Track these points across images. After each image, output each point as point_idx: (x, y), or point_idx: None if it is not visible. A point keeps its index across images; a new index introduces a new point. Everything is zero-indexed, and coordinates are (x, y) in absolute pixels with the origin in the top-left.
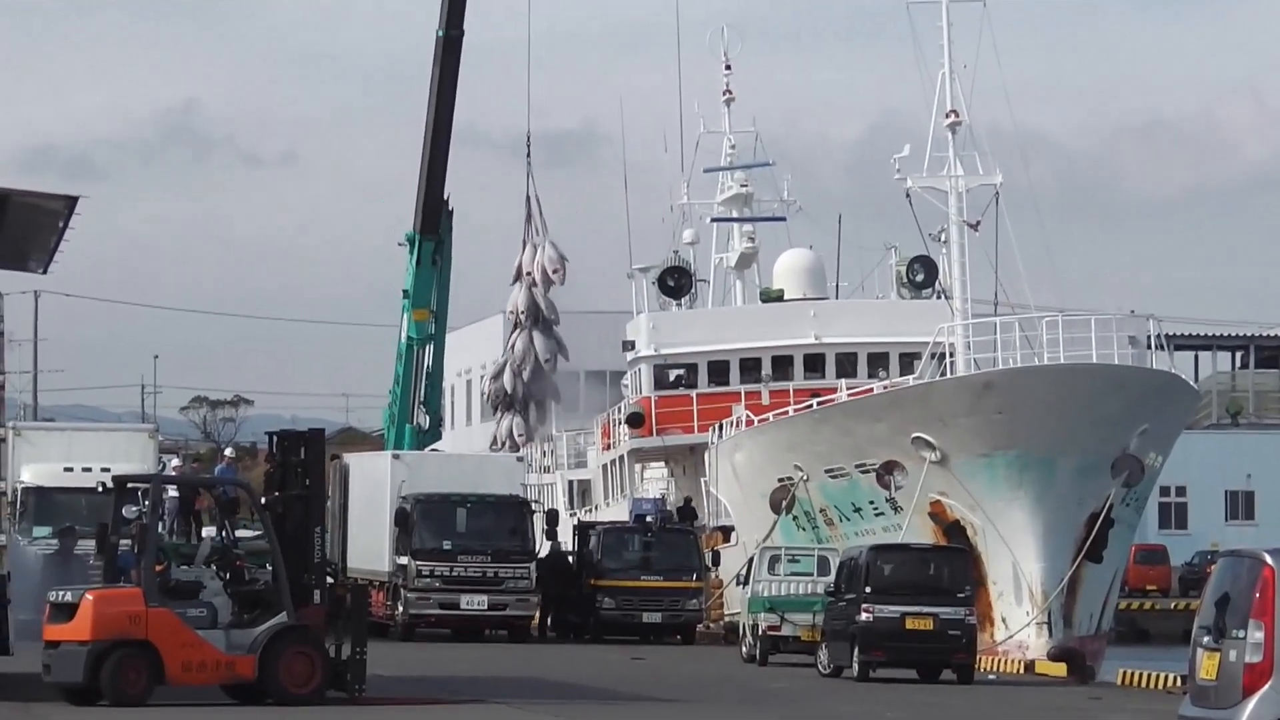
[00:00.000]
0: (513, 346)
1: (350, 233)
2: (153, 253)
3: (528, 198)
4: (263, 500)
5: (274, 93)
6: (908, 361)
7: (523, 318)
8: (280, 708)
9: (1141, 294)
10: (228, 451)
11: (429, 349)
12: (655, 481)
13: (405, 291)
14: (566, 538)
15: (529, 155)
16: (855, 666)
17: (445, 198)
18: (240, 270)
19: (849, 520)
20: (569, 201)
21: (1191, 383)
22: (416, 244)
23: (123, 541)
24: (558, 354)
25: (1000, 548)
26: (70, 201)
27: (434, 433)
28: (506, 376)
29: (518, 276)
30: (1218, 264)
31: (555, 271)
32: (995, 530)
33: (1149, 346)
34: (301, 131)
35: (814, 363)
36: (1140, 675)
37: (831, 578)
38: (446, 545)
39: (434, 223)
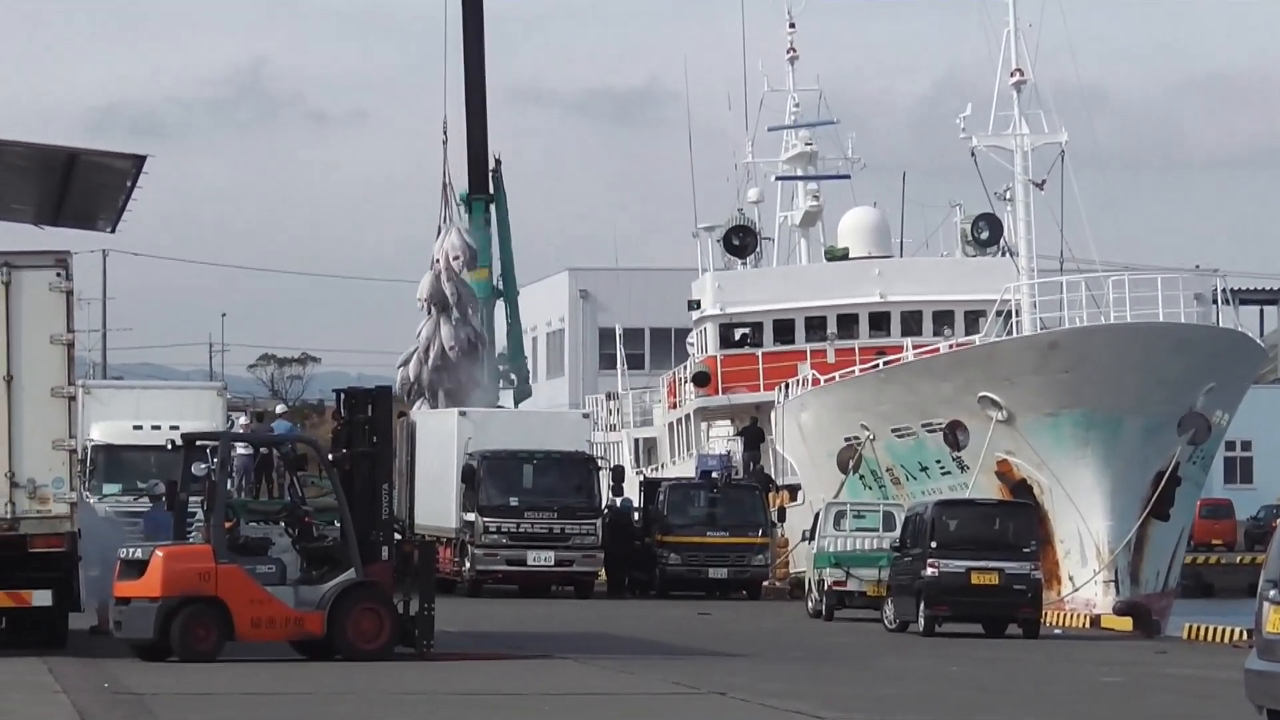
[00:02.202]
0: (419, 334)
1: (419, 189)
2: (220, 211)
3: (444, 185)
4: (330, 457)
5: (342, 50)
6: (973, 319)
7: (426, 305)
8: (349, 664)
9: (1206, 248)
10: (279, 408)
11: (502, 306)
12: (721, 440)
13: None
14: (633, 494)
15: (445, 139)
16: (921, 621)
17: (498, 157)
18: (307, 227)
19: (915, 479)
20: (635, 160)
21: (1257, 338)
22: (469, 203)
23: (192, 498)
24: (475, 341)
25: (1067, 506)
26: (138, 161)
27: (523, 389)
28: (412, 365)
29: (434, 263)
30: None
31: (456, 259)
32: (1062, 489)
33: (1214, 302)
34: (369, 89)
35: (879, 321)
36: (1206, 629)
37: (897, 533)
38: (513, 502)
39: (482, 181)
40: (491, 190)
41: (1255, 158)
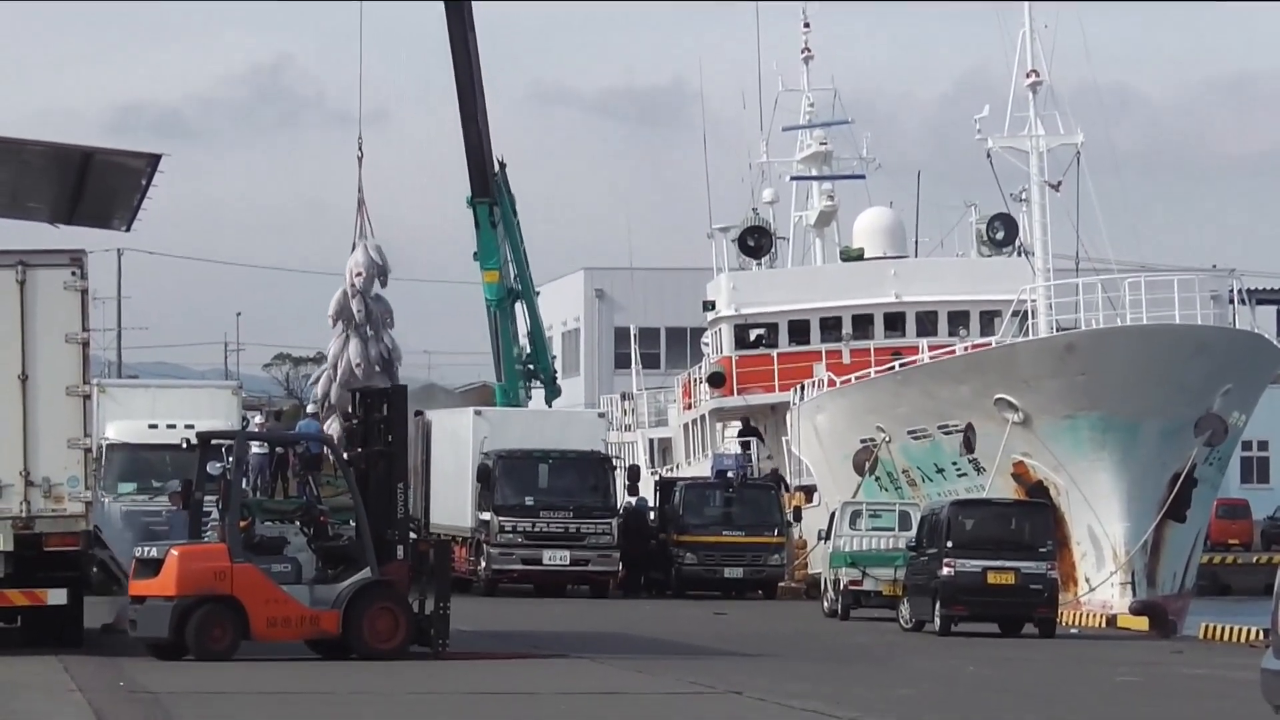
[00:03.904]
0: (329, 351)
1: (437, 191)
2: (239, 210)
3: (359, 200)
4: (345, 456)
5: (365, 50)
6: (988, 320)
7: (333, 321)
8: (364, 663)
9: (1227, 249)
10: (309, 407)
11: (522, 308)
12: (735, 440)
13: (475, 254)
14: (648, 494)
15: (360, 152)
16: (937, 621)
17: (500, 158)
18: (324, 228)
19: (931, 481)
20: (652, 160)
21: (1275, 340)
22: (473, 207)
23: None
24: (390, 358)
25: (1084, 509)
26: (153, 160)
27: (552, 388)
28: (322, 382)
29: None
30: None
31: (359, 275)
32: (1079, 491)
33: (1231, 303)
34: (390, 91)
35: (894, 321)
36: (1222, 629)
37: (913, 533)
38: (529, 501)
39: (484, 185)
40: (497, 193)
41: (1277, 158)
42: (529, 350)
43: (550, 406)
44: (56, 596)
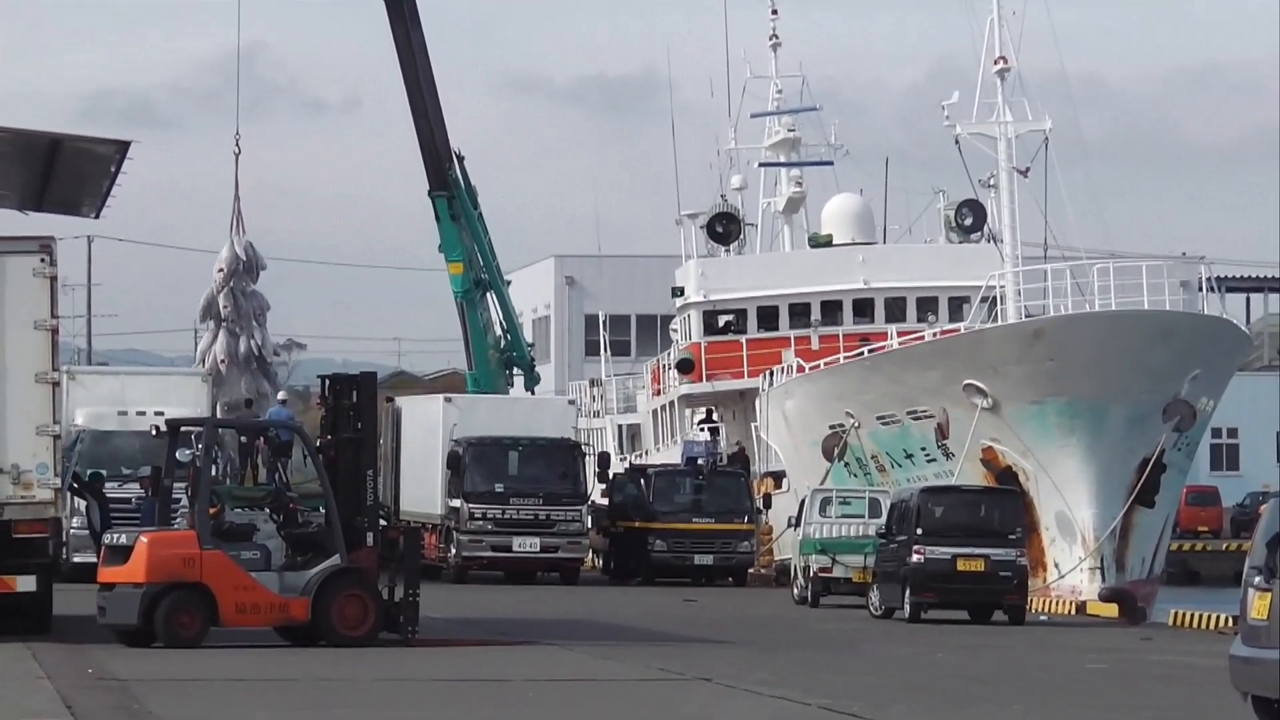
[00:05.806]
0: (199, 347)
1: (408, 177)
2: (209, 197)
3: (235, 196)
4: (316, 443)
5: (338, 37)
6: (957, 306)
7: (201, 316)
8: (333, 650)
9: (1195, 237)
10: (280, 395)
11: (492, 298)
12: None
13: (439, 247)
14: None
15: (237, 152)
16: (906, 608)
17: (458, 151)
18: (295, 214)
19: (901, 467)
20: (622, 147)
21: (1243, 326)
22: (434, 200)
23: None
24: (260, 352)
25: (1052, 494)
26: (122, 147)
27: (531, 375)
28: None
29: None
30: (1272, 206)
31: (220, 271)
32: (1047, 476)
33: (1200, 290)
34: (363, 77)
35: (863, 307)
36: (1192, 616)
37: (883, 520)
38: (499, 488)
39: (441, 179)
40: (455, 186)
41: (1246, 147)
42: (506, 340)
43: (532, 394)
44: (25, 583)
